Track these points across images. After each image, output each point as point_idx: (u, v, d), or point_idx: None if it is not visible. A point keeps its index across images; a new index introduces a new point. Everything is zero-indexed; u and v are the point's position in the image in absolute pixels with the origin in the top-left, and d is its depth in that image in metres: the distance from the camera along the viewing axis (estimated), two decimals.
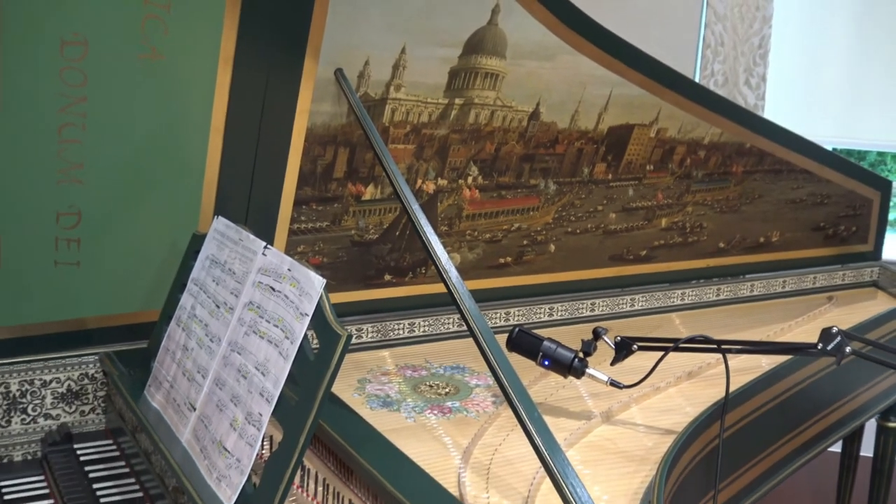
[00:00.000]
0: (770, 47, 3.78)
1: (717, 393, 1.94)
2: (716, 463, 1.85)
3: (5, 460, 1.92)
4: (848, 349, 1.85)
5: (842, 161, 2.86)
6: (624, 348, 1.97)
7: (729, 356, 1.88)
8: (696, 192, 2.66)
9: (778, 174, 2.74)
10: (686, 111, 2.45)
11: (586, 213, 2.51)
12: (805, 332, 2.57)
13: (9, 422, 1.91)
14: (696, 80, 3.76)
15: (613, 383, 1.91)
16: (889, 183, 3.02)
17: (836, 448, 2.85)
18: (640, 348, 1.97)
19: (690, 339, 1.94)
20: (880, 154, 4.48)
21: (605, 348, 2.00)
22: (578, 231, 2.53)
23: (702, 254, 2.78)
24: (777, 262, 2.91)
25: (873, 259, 3.08)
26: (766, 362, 2.19)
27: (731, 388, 1.86)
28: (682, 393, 2.11)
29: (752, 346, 1.99)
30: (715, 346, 1.90)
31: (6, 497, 1.82)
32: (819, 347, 1.86)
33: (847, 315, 2.70)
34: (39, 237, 1.83)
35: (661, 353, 1.96)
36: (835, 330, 1.87)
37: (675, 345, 1.93)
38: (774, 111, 3.86)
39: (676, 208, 2.66)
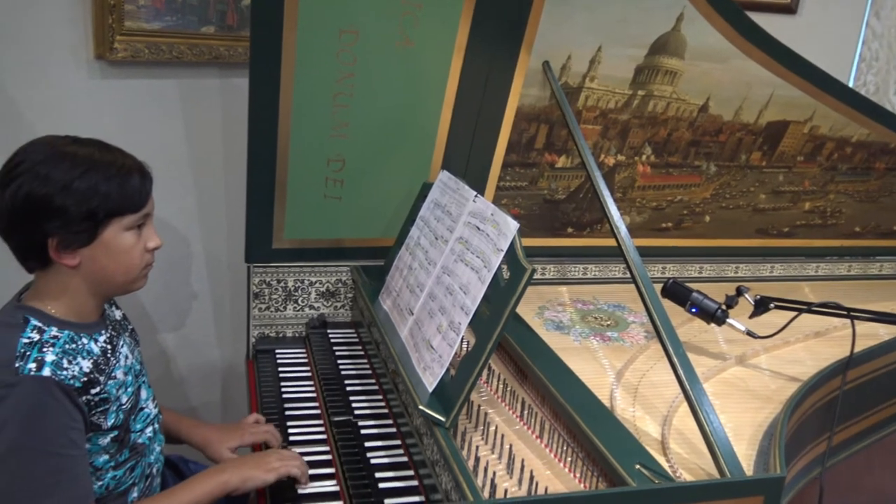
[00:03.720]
0: None
1: (838, 353, 1.73)
2: (834, 410, 1.66)
3: (280, 335, 2.02)
4: None
5: None
6: (762, 305, 1.80)
7: (856, 322, 1.67)
8: (840, 182, 2.36)
9: None
10: (839, 112, 2.16)
11: (740, 192, 2.29)
12: None
13: (285, 308, 2.00)
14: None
15: (750, 333, 1.74)
16: None
17: None
18: (777, 307, 1.78)
19: (823, 304, 1.73)
20: None
21: (741, 305, 1.82)
22: (731, 207, 2.31)
23: (838, 235, 2.48)
24: None
25: None
26: (884, 332, 1.92)
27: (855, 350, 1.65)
28: (807, 349, 1.90)
29: (879, 316, 1.75)
30: (844, 313, 1.69)
31: (279, 360, 1.91)
32: None
33: None
34: (315, 177, 1.87)
35: (793, 313, 1.76)
36: None
37: (809, 307, 1.73)
38: None
39: (820, 195, 2.37)
